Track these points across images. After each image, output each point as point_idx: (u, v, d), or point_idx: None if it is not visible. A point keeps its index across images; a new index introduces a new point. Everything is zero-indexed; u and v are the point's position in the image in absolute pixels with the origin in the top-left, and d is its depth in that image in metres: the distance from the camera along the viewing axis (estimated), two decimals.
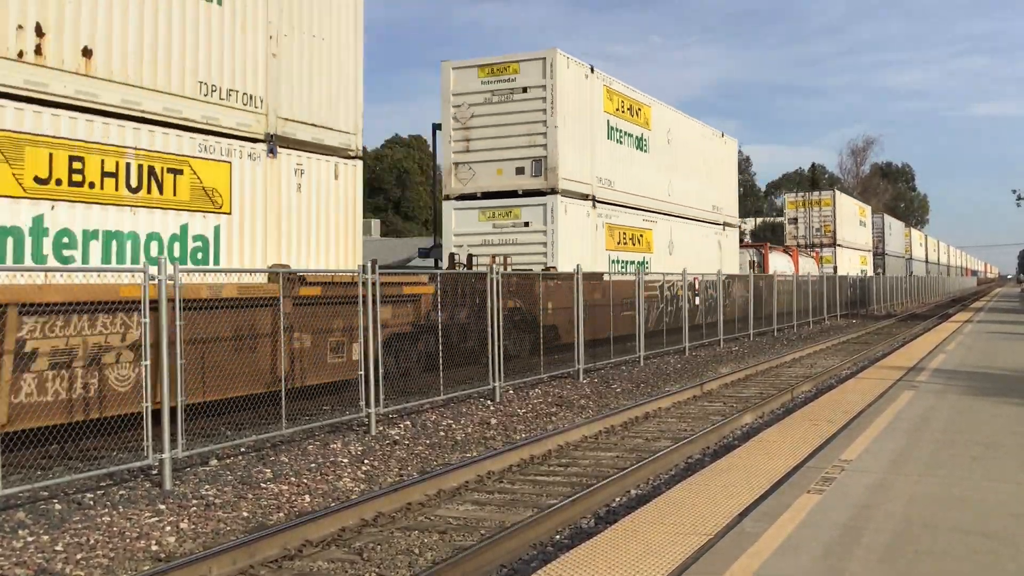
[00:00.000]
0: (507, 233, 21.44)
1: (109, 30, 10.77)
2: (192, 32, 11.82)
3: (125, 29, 10.96)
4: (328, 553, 7.37)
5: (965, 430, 10.11)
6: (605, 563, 5.80)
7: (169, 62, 11.53)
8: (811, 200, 53.43)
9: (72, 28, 10.36)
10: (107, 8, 10.75)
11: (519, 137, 21.41)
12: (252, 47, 12.75)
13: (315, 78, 13.84)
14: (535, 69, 21.38)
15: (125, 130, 11.00)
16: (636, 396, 16.59)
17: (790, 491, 7.38)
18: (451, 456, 11.23)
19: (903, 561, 5.57)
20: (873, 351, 25.84)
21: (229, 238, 12.42)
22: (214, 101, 12.18)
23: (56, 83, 10.18)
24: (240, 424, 12.23)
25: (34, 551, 7.37)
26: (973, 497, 7.12)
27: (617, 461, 10.91)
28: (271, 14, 13.01)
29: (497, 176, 21.48)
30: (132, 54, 11.07)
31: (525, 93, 21.40)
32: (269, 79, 13.01)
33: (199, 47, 11.93)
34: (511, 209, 21.41)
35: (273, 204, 13.07)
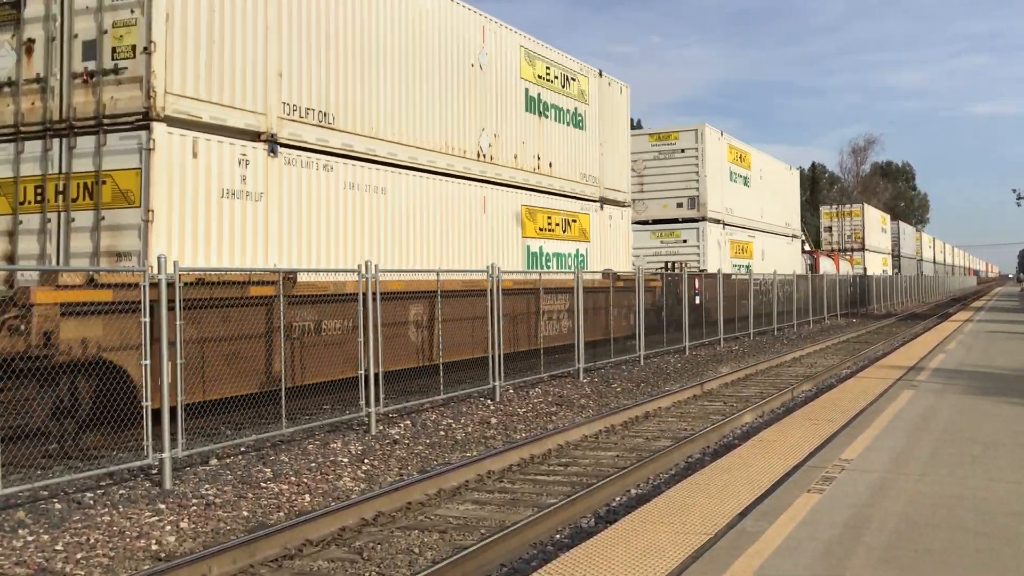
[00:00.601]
0: (670, 247, 31.59)
1: (549, 149, 20.86)
2: (576, 146, 22.19)
3: (553, 148, 21.10)
4: (328, 552, 7.37)
5: (965, 429, 10.10)
6: (605, 562, 5.80)
7: (570, 163, 21.80)
8: (843, 211, 63.36)
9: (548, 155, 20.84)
10: (550, 136, 20.91)
11: (679, 182, 31.75)
12: (594, 151, 23.08)
13: (615, 163, 24.37)
14: (689, 137, 31.87)
15: (556, 201, 21.14)
16: (636, 395, 16.59)
17: (790, 490, 7.38)
18: (451, 455, 11.23)
19: (904, 560, 5.57)
20: (873, 350, 25.84)
21: (589, 255, 22.47)
22: (583, 182, 22.43)
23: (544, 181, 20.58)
24: (240, 423, 12.24)
25: (34, 550, 7.37)
26: (973, 496, 7.11)
27: (617, 460, 10.91)
28: (601, 134, 23.35)
29: (663, 208, 31.92)
30: (557, 161, 21.13)
31: (683, 153, 31.79)
32: (600, 167, 23.31)
33: (577, 153, 22.21)
34: (673, 231, 31.78)
35: (604, 235, 23.42)
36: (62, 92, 11.62)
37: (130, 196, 11.19)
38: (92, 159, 11.40)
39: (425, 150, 16.28)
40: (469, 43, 17.79)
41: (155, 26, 11.16)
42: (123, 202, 11.24)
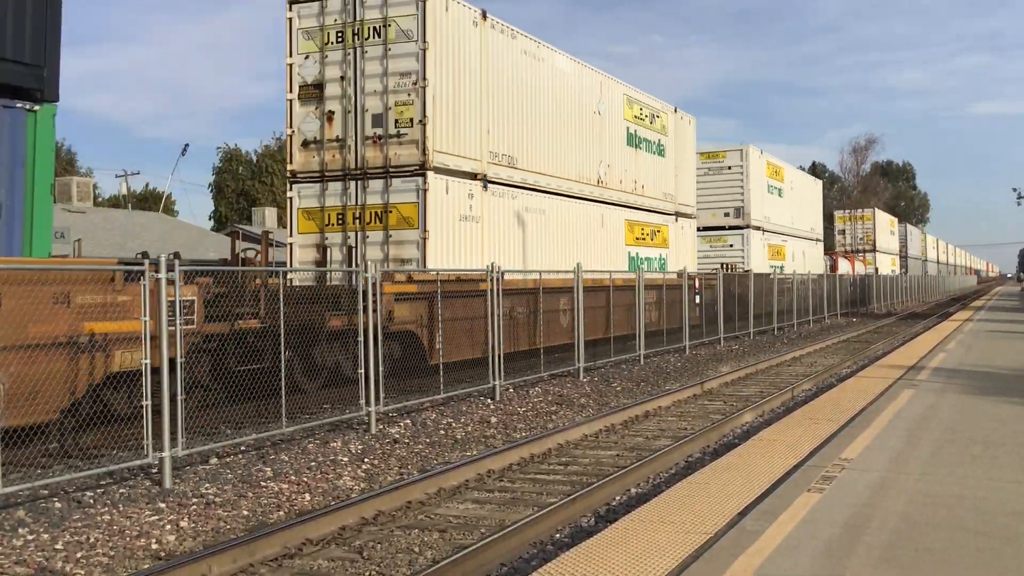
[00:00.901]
0: (718, 251, 36.50)
1: (642, 174, 25.79)
2: (659, 171, 27.24)
3: (645, 173, 26.04)
4: (328, 552, 7.37)
5: (965, 429, 10.10)
6: (605, 562, 5.79)
7: (655, 185, 26.88)
8: (856, 216, 68.64)
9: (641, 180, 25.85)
10: (642, 164, 25.80)
11: (726, 195, 36.80)
12: (671, 173, 28.23)
13: (685, 182, 29.62)
14: (735, 155, 37.21)
15: (646, 216, 25.88)
16: (636, 395, 16.59)
17: (790, 490, 7.37)
18: (451, 455, 11.23)
19: (904, 560, 5.57)
20: (873, 350, 25.84)
21: (668, 258, 27.40)
22: (664, 200, 27.57)
23: (639, 201, 25.48)
24: (240, 422, 12.24)
25: (34, 549, 7.37)
26: (974, 496, 7.11)
27: (617, 460, 10.91)
28: (675, 159, 28.48)
29: (712, 217, 36.39)
30: (647, 183, 26.12)
31: (729, 170, 37.03)
32: (675, 186, 28.50)
33: (660, 176, 27.29)
34: (721, 236, 36.91)
35: (678, 242, 28.54)
36: (356, 149, 16.74)
37: (411, 221, 16.34)
38: (381, 195, 16.60)
39: (566, 180, 21.59)
40: (592, 95, 23.07)
41: (427, 106, 16.32)
42: (405, 225, 16.40)
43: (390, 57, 16.67)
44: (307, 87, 17.22)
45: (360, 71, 16.82)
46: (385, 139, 16.60)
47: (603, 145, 23.55)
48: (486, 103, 18.15)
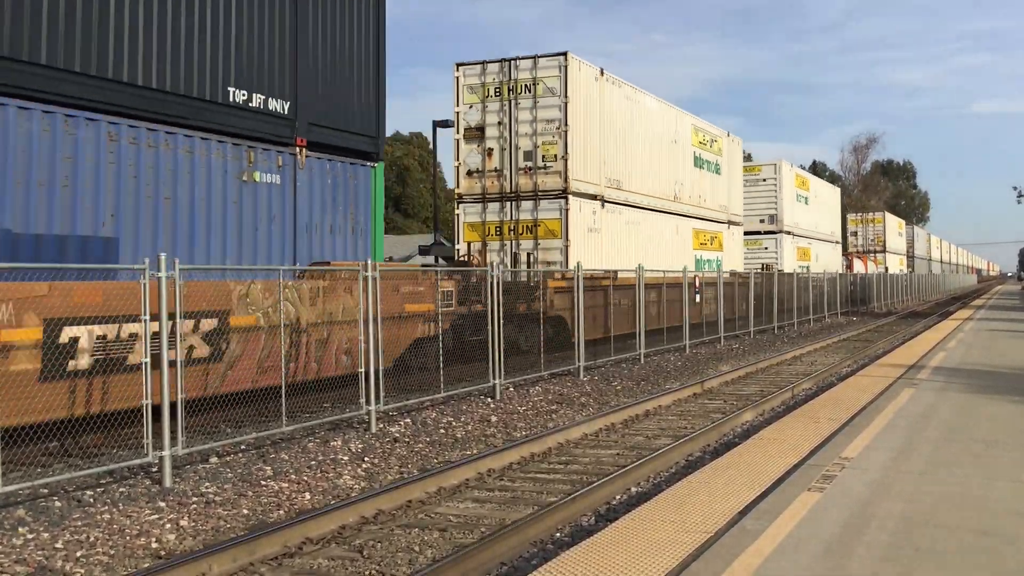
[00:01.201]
0: (755, 253, 40.77)
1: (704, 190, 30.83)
2: (716, 186, 32.01)
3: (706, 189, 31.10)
4: (328, 551, 7.36)
5: (966, 428, 10.10)
6: (605, 561, 5.79)
7: (713, 198, 31.62)
8: (867, 218, 74.22)
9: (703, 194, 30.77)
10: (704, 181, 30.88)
11: (762, 204, 41.79)
12: (725, 188, 32.95)
13: (733, 195, 34.38)
14: (770, 169, 42.62)
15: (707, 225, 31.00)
16: (636, 394, 16.58)
17: (791, 489, 7.37)
18: (451, 454, 11.23)
19: (904, 559, 5.57)
20: (874, 349, 25.83)
21: (723, 260, 31.88)
22: (719, 211, 32.17)
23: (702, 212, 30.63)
24: (240, 421, 12.24)
25: (34, 548, 7.36)
26: (974, 495, 7.11)
27: (617, 459, 10.90)
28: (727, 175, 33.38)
29: (750, 224, 40.05)
30: (707, 197, 31.09)
31: (764, 182, 42.15)
32: (727, 198, 33.20)
33: (716, 191, 31.90)
34: (758, 240, 41.53)
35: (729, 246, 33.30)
36: (511, 177, 22.05)
37: (555, 232, 21.65)
38: (531, 212, 21.94)
39: (653, 197, 26.81)
40: (669, 127, 28.35)
41: (568, 145, 21.70)
42: (550, 235, 21.70)
43: (538, 108, 22.00)
44: (471, 129, 22.38)
45: (514, 118, 22.14)
46: (534, 170, 21.97)
47: (677, 167, 28.90)
48: (603, 139, 23.51)
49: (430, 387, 14.60)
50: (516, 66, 22.03)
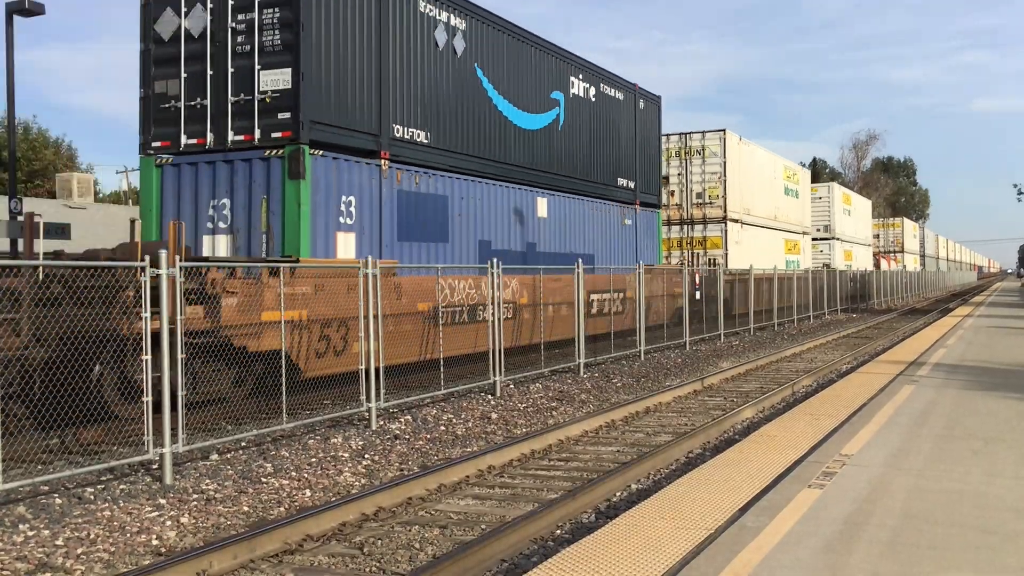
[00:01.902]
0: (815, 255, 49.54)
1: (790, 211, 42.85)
2: (795, 207, 44.11)
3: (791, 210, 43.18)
4: (328, 548, 7.37)
5: (966, 424, 10.10)
6: (606, 557, 5.80)
7: (795, 216, 43.58)
8: (888, 223, 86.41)
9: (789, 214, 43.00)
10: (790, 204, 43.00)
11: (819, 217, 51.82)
12: (800, 207, 45.22)
13: (806, 211, 46.48)
14: (825, 190, 54.86)
15: (791, 236, 42.91)
16: (637, 391, 16.59)
17: (791, 485, 7.38)
18: (452, 451, 11.23)
19: (904, 555, 5.57)
20: (873, 346, 25.83)
21: (801, 262, 43.31)
22: (798, 224, 44.42)
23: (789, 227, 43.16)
24: (240, 418, 12.24)
25: (35, 545, 7.37)
26: (973, 492, 7.11)
27: (618, 455, 10.91)
28: (802, 196, 45.34)
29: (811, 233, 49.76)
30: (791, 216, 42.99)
31: (820, 199, 52.94)
32: (802, 215, 45.17)
33: (796, 210, 44.00)
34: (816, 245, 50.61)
35: (803, 250, 45.35)
36: (688, 209, 34.10)
37: (718, 244, 33.65)
38: (701, 232, 34.02)
39: (763, 218, 38.33)
40: (770, 168, 39.97)
41: (727, 189, 33.77)
42: (714, 247, 33.69)
43: (706, 164, 34.21)
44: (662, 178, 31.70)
45: (688, 171, 34.46)
46: (703, 204, 34.21)
47: (775, 196, 40.34)
48: (741, 182, 35.31)
49: (430, 384, 14.60)
50: (690, 137, 34.54)
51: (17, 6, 20.73)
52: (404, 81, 16.70)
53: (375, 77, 15.92)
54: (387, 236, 16.11)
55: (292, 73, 14.33)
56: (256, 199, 14.67)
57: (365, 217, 15.70)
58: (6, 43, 20.91)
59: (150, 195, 15.48)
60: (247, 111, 14.76)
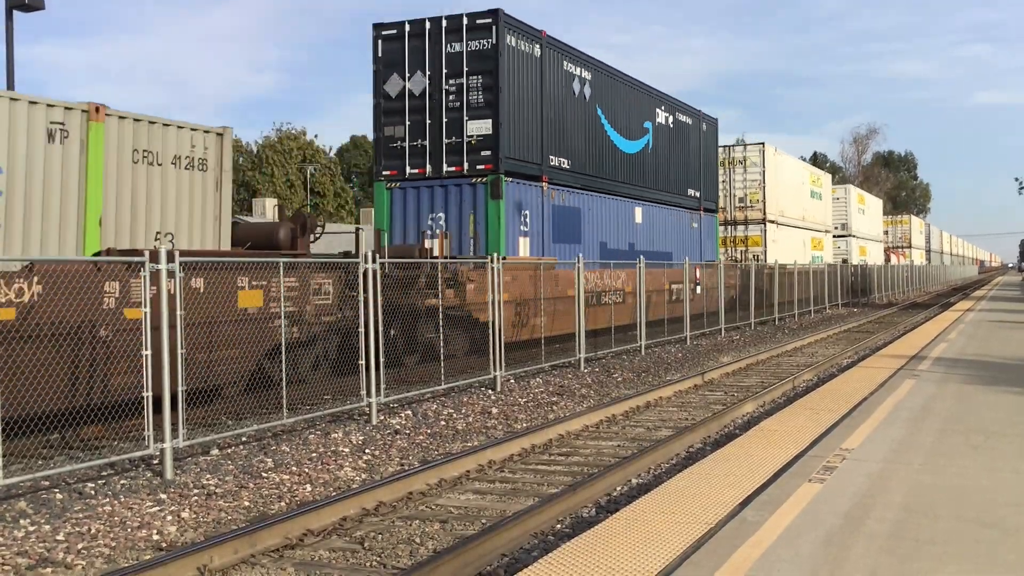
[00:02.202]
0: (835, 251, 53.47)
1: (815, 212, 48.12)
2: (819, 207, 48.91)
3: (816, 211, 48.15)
4: (329, 542, 7.37)
5: (966, 419, 10.10)
6: (606, 552, 5.80)
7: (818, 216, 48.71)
8: (896, 220, 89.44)
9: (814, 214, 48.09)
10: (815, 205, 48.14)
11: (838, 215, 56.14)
12: (823, 207, 49.92)
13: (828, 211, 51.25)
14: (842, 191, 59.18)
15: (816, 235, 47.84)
16: (637, 385, 16.59)
17: (791, 480, 7.37)
18: (452, 445, 11.24)
19: (904, 550, 5.57)
20: (874, 340, 25.82)
21: (824, 257, 48.33)
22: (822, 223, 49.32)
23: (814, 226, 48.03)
24: (241, 413, 12.25)
25: (35, 540, 7.38)
26: (974, 486, 7.11)
27: (618, 450, 10.91)
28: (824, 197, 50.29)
29: None
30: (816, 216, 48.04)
31: (838, 200, 56.64)
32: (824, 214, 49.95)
33: (819, 210, 48.88)
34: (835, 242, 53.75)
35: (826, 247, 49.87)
36: (731, 211, 38.77)
37: (758, 242, 38.51)
38: (743, 231, 38.88)
39: (794, 219, 42.64)
40: (798, 174, 44.84)
41: (766, 194, 38.78)
42: (755, 245, 38.54)
43: (747, 172, 38.82)
44: None
45: (732, 179, 38.76)
46: (745, 208, 38.58)
47: (802, 199, 44.68)
48: (776, 189, 39.61)
49: (431, 379, 14.61)
50: (733, 150, 39.28)
51: (17, 1, 20.71)
52: (554, 121, 22.14)
53: (538, 120, 21.42)
54: (547, 239, 21.65)
55: (492, 123, 19.82)
56: (465, 213, 20.03)
57: (534, 225, 21.29)
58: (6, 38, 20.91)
59: (382, 211, 20.80)
60: (458, 150, 20.18)
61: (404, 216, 20.54)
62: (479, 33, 19.97)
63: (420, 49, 20.30)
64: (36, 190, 12.10)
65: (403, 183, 20.56)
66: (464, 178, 20.09)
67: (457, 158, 20.16)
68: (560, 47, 22.56)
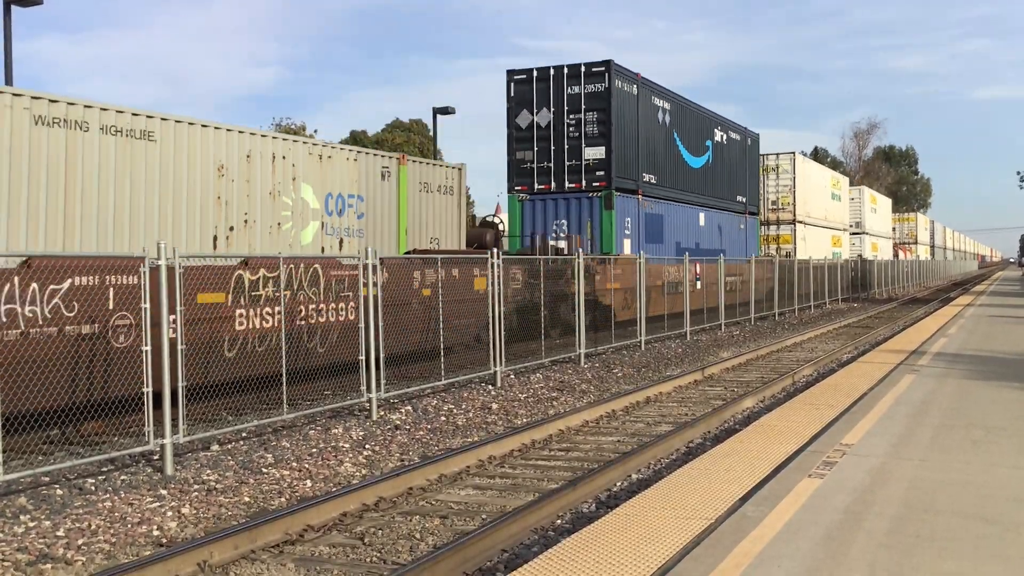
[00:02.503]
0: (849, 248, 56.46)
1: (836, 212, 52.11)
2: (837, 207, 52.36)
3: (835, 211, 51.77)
4: (329, 538, 7.38)
5: (966, 414, 10.10)
6: (606, 547, 5.80)
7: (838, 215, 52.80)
8: (904, 217, 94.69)
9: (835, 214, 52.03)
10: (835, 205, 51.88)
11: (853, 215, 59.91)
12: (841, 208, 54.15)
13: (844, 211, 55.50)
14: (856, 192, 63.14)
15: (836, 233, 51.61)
16: (637, 381, 16.59)
17: (791, 475, 7.38)
18: (452, 441, 11.24)
19: (904, 545, 5.57)
20: (874, 335, 25.82)
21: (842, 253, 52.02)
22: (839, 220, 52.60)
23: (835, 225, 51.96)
24: (241, 409, 12.25)
25: (35, 536, 7.38)
26: (974, 481, 7.11)
27: (618, 445, 10.92)
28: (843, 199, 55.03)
29: None
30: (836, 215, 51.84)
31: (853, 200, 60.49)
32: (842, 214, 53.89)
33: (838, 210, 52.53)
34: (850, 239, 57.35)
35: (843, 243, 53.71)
36: (764, 213, 41.84)
37: (789, 241, 42.48)
38: (775, 231, 42.49)
39: (819, 219, 46.68)
40: (821, 178, 48.56)
41: (796, 197, 42.69)
42: (786, 243, 42.34)
43: (779, 178, 42.39)
44: None
45: (766, 184, 41.90)
46: (777, 210, 42.38)
47: (825, 201, 48.54)
48: (803, 191, 43.23)
49: (431, 374, 14.61)
50: (767, 158, 42.07)
51: None
52: (645, 145, 27.18)
53: (635, 144, 26.38)
54: (641, 241, 26.42)
55: (605, 150, 24.98)
56: (583, 220, 25.08)
57: (632, 230, 26.12)
58: (4, 34, 20.86)
59: (515, 218, 25.60)
60: (576, 170, 25.30)
61: (533, 222, 25.40)
62: (594, 79, 25.30)
63: (545, 90, 25.50)
64: (377, 210, 17.59)
65: (532, 196, 25.43)
66: (582, 192, 25.19)
67: (576, 176, 25.30)
68: (650, 85, 27.64)
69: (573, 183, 25.35)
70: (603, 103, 24.99)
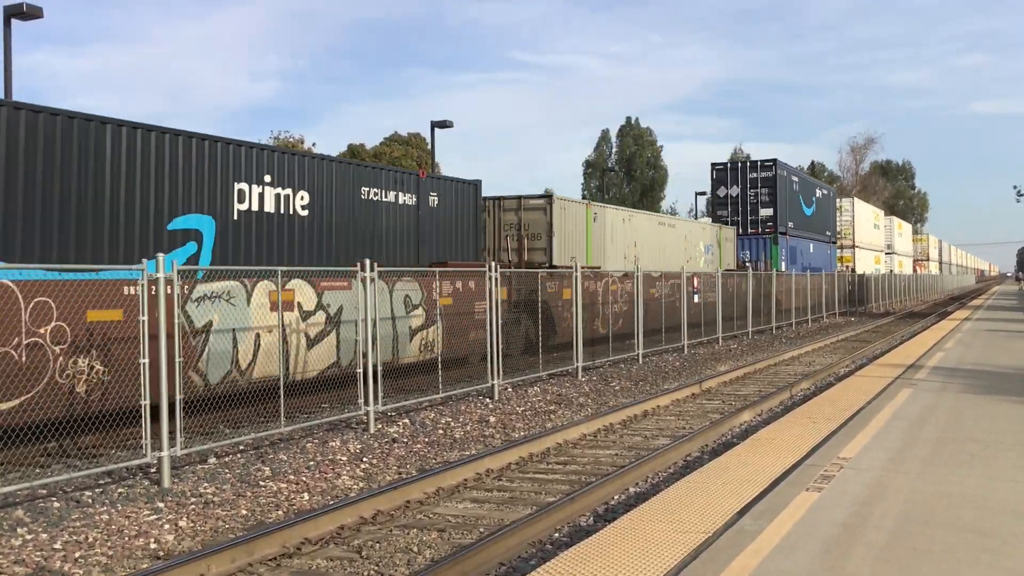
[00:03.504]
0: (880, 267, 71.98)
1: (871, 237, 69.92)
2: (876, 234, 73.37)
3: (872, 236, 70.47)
4: (327, 551, 7.37)
5: (964, 428, 10.11)
6: (604, 561, 5.80)
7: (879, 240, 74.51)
8: (917, 238, 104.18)
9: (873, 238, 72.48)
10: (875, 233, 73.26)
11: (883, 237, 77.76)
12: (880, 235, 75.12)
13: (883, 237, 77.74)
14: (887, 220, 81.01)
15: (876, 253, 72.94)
16: (635, 394, 16.59)
17: (789, 489, 7.38)
18: (450, 454, 11.23)
19: (901, 560, 5.58)
20: (872, 349, 25.84)
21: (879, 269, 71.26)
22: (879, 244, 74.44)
23: None
24: (238, 422, 12.24)
25: (33, 549, 7.36)
26: (971, 495, 7.12)
27: (616, 459, 10.91)
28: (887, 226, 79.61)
29: None
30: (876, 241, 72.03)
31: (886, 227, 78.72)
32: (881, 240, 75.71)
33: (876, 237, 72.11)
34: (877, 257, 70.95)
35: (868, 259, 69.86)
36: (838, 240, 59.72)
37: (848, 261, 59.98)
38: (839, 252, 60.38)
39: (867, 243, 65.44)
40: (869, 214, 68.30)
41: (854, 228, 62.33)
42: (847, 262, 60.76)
43: (842, 215, 59.26)
44: None
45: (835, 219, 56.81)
46: (841, 238, 59.63)
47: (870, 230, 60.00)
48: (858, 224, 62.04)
49: (428, 387, 14.60)
50: (842, 200, 58.95)
51: (15, 9, 20.76)
52: (788, 203, 42.39)
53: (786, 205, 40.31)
54: (788, 263, 40.43)
55: (773, 210, 41.78)
56: (761, 253, 40.54)
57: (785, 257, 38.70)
58: (4, 47, 20.93)
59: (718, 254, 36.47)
60: (756, 222, 41.95)
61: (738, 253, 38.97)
62: (765, 169, 42.69)
63: (735, 174, 43.09)
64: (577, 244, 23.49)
65: None
66: (759, 235, 41.50)
67: (755, 227, 41.93)
68: (788, 168, 44.88)
69: (752, 229, 41.88)
70: (771, 183, 42.16)
